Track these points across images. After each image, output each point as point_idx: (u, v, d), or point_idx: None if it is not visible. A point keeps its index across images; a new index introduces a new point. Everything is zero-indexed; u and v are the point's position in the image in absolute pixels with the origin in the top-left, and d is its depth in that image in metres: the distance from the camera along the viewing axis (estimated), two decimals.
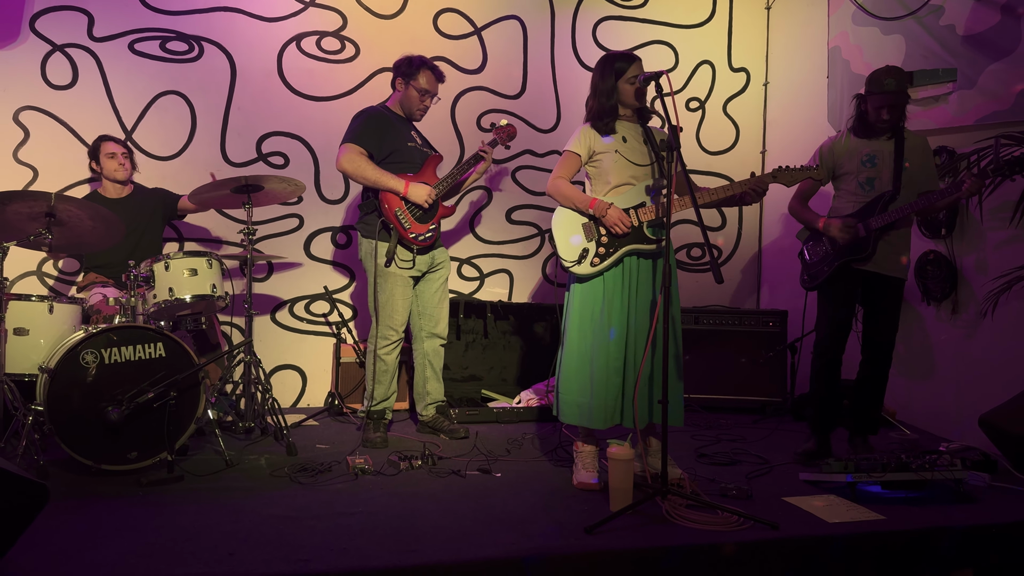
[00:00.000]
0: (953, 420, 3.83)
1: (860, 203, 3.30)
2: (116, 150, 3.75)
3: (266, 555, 2.16)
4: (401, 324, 3.56)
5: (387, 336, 3.55)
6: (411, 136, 3.59)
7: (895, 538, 2.42)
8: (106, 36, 4.04)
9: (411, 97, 3.56)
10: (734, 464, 3.23)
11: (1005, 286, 3.53)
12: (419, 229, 3.48)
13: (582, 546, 2.28)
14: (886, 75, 3.27)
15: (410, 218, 3.45)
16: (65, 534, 2.29)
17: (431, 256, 3.60)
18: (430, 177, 3.57)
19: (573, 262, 2.88)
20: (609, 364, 2.83)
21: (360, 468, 2.99)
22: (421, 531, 2.37)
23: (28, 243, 3.04)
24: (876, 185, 3.30)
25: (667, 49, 4.91)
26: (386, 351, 3.55)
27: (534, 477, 3.01)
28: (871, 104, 3.29)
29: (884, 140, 3.32)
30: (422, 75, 3.53)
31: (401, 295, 3.52)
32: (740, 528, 2.42)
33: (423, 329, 3.68)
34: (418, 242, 3.48)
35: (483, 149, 3.67)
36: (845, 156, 3.35)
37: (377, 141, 3.47)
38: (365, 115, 3.53)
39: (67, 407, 2.82)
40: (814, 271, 3.37)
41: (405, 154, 3.52)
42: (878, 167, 3.31)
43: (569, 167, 2.97)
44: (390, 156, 3.49)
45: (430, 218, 3.52)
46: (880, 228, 3.22)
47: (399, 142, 3.52)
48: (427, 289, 3.64)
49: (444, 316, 3.70)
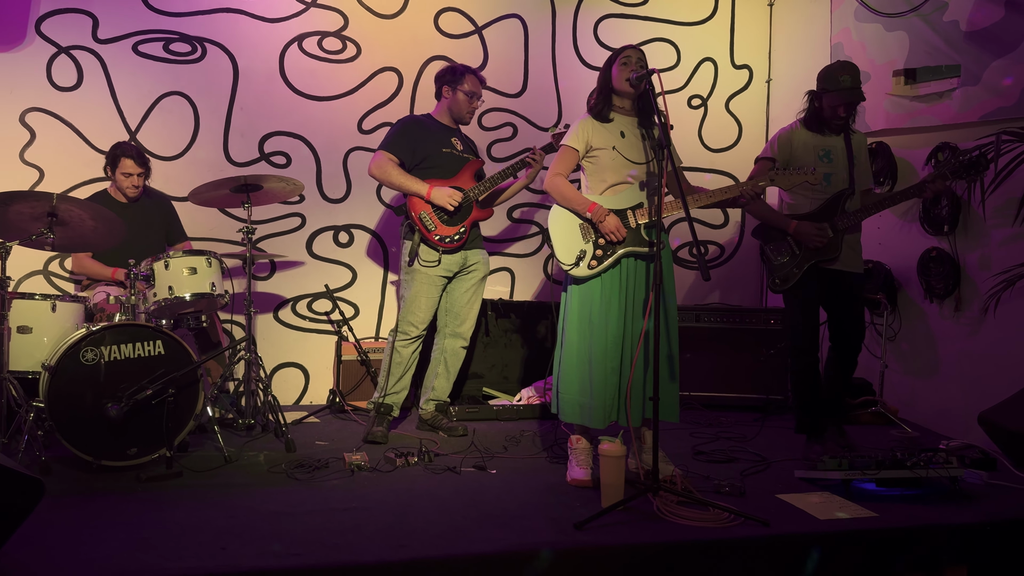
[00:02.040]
0: (957, 418, 3.80)
1: (818, 200, 3.32)
2: (133, 170, 3.70)
3: (259, 549, 2.19)
4: (422, 322, 3.61)
5: (407, 331, 3.61)
6: (450, 143, 3.65)
7: (887, 535, 2.42)
8: (110, 38, 4.09)
9: (459, 102, 3.64)
10: (731, 462, 3.23)
11: (1007, 283, 3.50)
12: (446, 231, 3.53)
13: (571, 542, 2.30)
14: (841, 71, 3.28)
15: (435, 220, 3.52)
16: (62, 529, 2.33)
17: (463, 257, 3.64)
18: (465, 182, 3.61)
19: (571, 264, 2.89)
20: (607, 364, 2.84)
21: (357, 464, 3.01)
22: (413, 527, 2.39)
23: (31, 242, 3.09)
24: (833, 181, 3.32)
25: (669, 47, 4.90)
26: (403, 344, 3.61)
27: (529, 474, 3.02)
28: (827, 101, 3.30)
29: (834, 136, 3.36)
30: (467, 80, 3.64)
31: (426, 294, 3.58)
32: (731, 525, 2.42)
33: (447, 325, 3.73)
34: (444, 244, 3.54)
35: (531, 156, 3.68)
36: (802, 149, 3.35)
37: (408, 148, 3.58)
38: (400, 123, 3.68)
39: (68, 404, 2.86)
40: (784, 273, 3.34)
41: (437, 159, 3.60)
42: (834, 163, 3.34)
43: (566, 162, 2.97)
44: (423, 162, 3.59)
45: (460, 221, 3.57)
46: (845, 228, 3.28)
47: (432, 148, 3.60)
48: (458, 288, 3.69)
49: (471, 317, 3.74)
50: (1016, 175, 3.47)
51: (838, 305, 3.40)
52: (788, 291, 3.37)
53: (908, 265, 4.07)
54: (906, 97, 4.13)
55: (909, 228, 4.09)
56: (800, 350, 3.39)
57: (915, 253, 4.01)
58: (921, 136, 4.05)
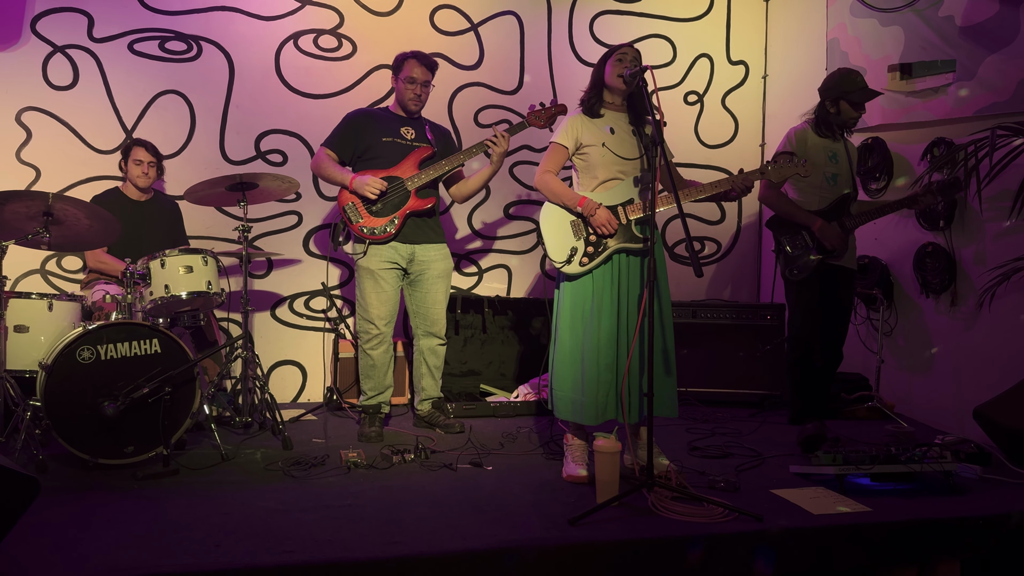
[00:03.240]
0: (952, 413, 3.80)
1: (826, 199, 3.45)
2: (144, 158, 3.75)
3: (252, 547, 2.19)
4: (378, 318, 3.55)
5: (367, 330, 3.58)
6: (397, 132, 3.58)
7: (880, 530, 2.42)
8: (106, 37, 4.09)
9: (399, 90, 3.60)
10: (726, 457, 3.23)
11: (1003, 277, 3.50)
12: (373, 223, 3.48)
13: (565, 538, 2.30)
14: (852, 73, 3.46)
15: (362, 211, 3.47)
16: (58, 526, 2.34)
17: (410, 251, 3.55)
18: (406, 171, 3.52)
19: (562, 262, 2.89)
20: (600, 361, 2.84)
21: (353, 462, 3.02)
22: (407, 523, 2.40)
23: (26, 242, 3.09)
24: (838, 181, 3.47)
25: (665, 43, 4.90)
26: (370, 346, 3.58)
27: (525, 470, 3.03)
28: (849, 101, 3.42)
29: (836, 140, 3.50)
30: (405, 66, 3.57)
31: (371, 289, 3.53)
32: (725, 520, 2.43)
33: (419, 327, 3.71)
34: (371, 236, 3.48)
35: (490, 139, 3.46)
36: (814, 148, 3.45)
37: (348, 141, 3.57)
38: (344, 118, 3.65)
39: (64, 402, 2.87)
40: (800, 265, 3.43)
41: (378, 150, 3.54)
42: (839, 164, 3.48)
43: (556, 159, 2.97)
44: (364, 153, 3.56)
45: (391, 211, 3.49)
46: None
47: (373, 139, 3.55)
48: (418, 290, 3.64)
49: (440, 315, 3.68)
50: (1011, 170, 3.47)
51: (831, 298, 3.48)
52: (795, 283, 3.46)
53: (904, 260, 4.08)
54: (901, 92, 4.12)
55: (905, 223, 4.09)
56: (800, 339, 3.46)
57: (911, 248, 4.01)
58: (916, 131, 4.05)
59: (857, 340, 4.23)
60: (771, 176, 3.02)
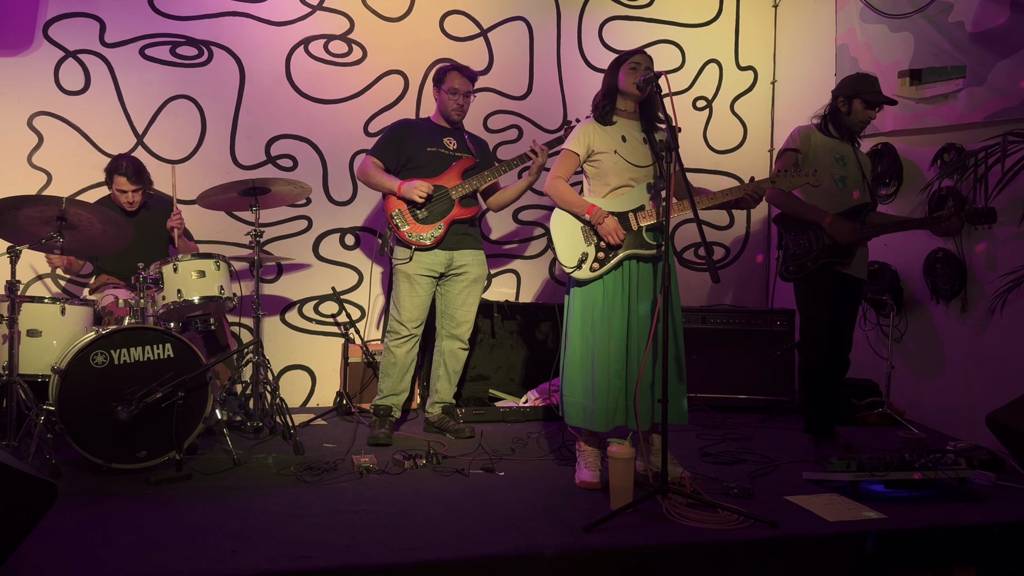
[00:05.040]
0: (963, 419, 3.80)
1: (835, 202, 3.41)
2: (126, 187, 3.66)
3: (269, 552, 2.20)
4: (410, 320, 3.61)
5: (396, 331, 3.63)
6: (440, 143, 3.65)
7: (896, 536, 2.42)
8: (117, 42, 4.10)
9: (442, 101, 3.67)
10: (738, 463, 3.23)
11: (1014, 283, 3.49)
12: (419, 230, 3.54)
13: (581, 544, 2.30)
14: (868, 76, 3.47)
15: (408, 218, 3.53)
16: (75, 532, 2.34)
17: (448, 257, 3.62)
18: (449, 180, 3.61)
19: (573, 267, 2.89)
20: (610, 367, 2.84)
21: (365, 467, 3.02)
22: (422, 529, 2.40)
23: (40, 246, 3.10)
24: (847, 183, 3.45)
25: (674, 48, 4.91)
26: (396, 344, 3.62)
27: (537, 476, 3.03)
28: (863, 102, 3.41)
29: (845, 143, 3.49)
30: (448, 77, 3.64)
31: (408, 292, 3.58)
32: (740, 527, 2.43)
33: (443, 328, 3.74)
34: (416, 242, 3.54)
35: (531, 151, 3.59)
36: (819, 149, 3.45)
37: (392, 151, 3.62)
38: (389, 127, 3.74)
39: (78, 407, 2.88)
40: (800, 262, 3.42)
41: (422, 159, 3.60)
42: (848, 167, 3.46)
43: (567, 166, 2.98)
44: (408, 163, 3.62)
45: (436, 219, 3.56)
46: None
47: (417, 149, 3.61)
48: (450, 290, 3.69)
49: (467, 320, 3.72)
50: (1022, 176, 3.47)
51: (840, 306, 3.46)
52: (804, 289, 3.45)
53: (914, 265, 4.07)
54: (911, 98, 4.13)
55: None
56: (812, 346, 3.45)
57: (921, 254, 4.01)
58: (926, 137, 4.05)
59: (867, 346, 4.23)
60: (781, 185, 3.03)
